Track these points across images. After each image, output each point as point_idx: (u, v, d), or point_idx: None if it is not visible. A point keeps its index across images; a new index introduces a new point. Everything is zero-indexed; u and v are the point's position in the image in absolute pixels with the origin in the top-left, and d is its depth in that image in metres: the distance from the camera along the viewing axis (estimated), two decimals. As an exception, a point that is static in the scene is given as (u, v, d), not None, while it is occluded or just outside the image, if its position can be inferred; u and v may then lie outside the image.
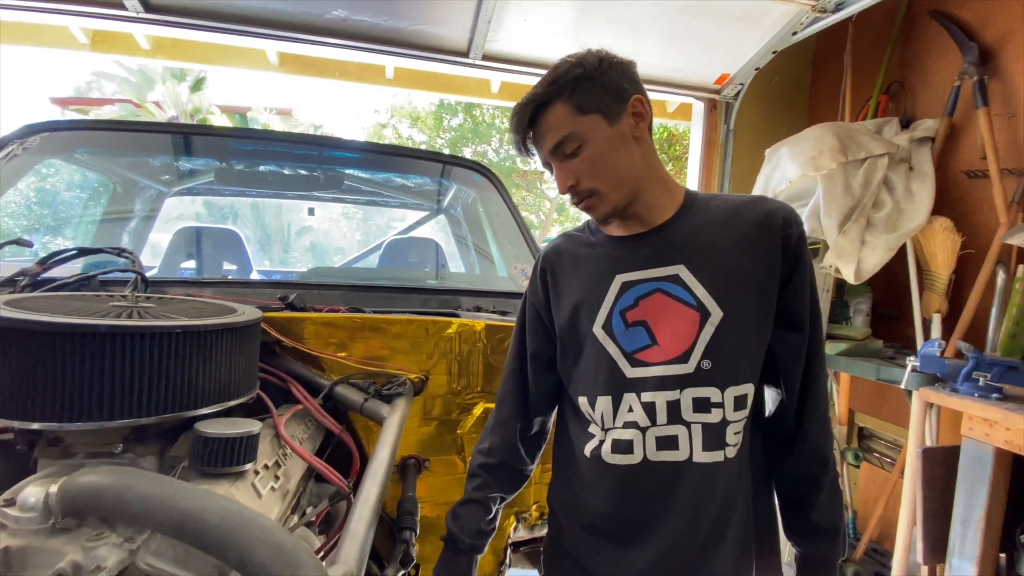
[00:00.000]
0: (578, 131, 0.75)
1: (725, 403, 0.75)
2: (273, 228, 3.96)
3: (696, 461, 0.75)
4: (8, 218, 1.61)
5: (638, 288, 0.79)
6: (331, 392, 0.95)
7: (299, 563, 0.43)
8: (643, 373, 0.77)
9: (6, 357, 0.59)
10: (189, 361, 0.64)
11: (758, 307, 0.76)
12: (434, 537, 1.07)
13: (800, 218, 0.78)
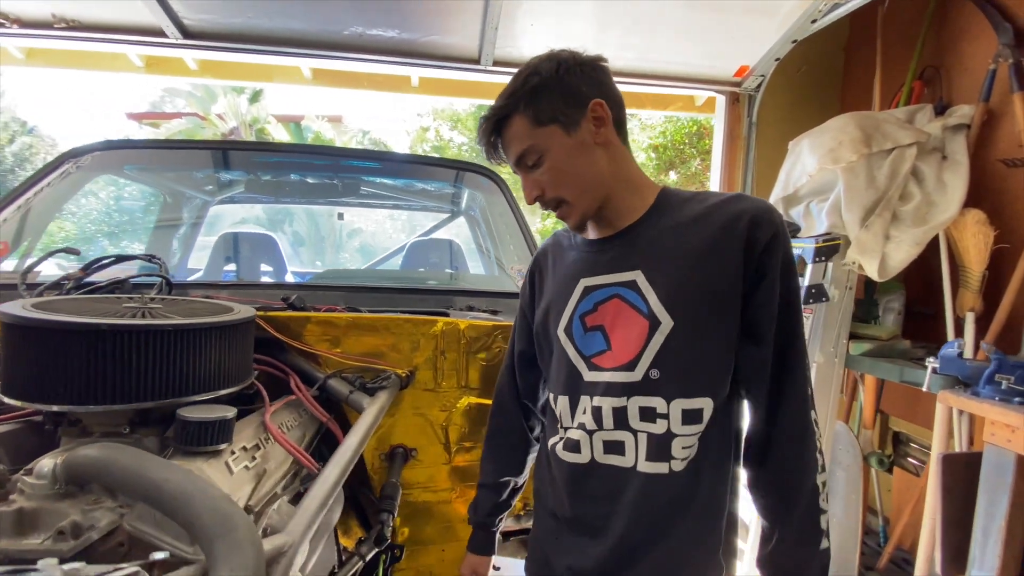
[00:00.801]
0: (537, 143, 0.75)
1: (671, 415, 0.73)
2: (308, 233, 4.22)
3: (639, 470, 0.75)
4: (70, 228, 1.82)
5: (598, 293, 0.79)
6: (324, 384, 1.04)
7: (235, 527, 0.51)
8: (597, 378, 0.78)
9: (32, 350, 0.71)
10: (181, 354, 0.74)
11: (716, 318, 0.72)
12: (423, 521, 1.15)
13: (777, 219, 0.72)
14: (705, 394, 0.73)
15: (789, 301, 0.72)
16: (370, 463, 1.10)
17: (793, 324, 0.73)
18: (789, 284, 0.72)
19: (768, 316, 0.72)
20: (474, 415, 1.14)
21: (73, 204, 1.58)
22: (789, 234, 0.74)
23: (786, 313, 0.72)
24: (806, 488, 0.72)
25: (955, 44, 2.01)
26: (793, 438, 0.73)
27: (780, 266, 0.71)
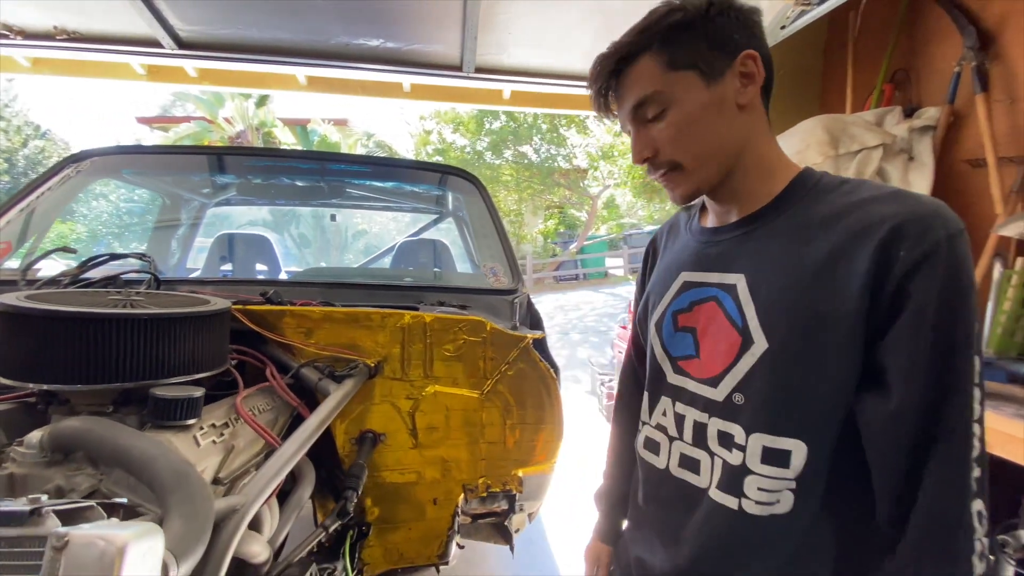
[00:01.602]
0: (665, 91, 0.62)
1: (748, 448, 0.61)
2: (302, 234, 4.35)
3: (711, 496, 0.65)
4: (76, 229, 1.91)
5: (696, 292, 0.69)
6: (297, 373, 1.12)
7: (189, 483, 0.59)
8: (681, 383, 0.70)
9: (27, 335, 0.79)
10: (157, 341, 0.83)
11: (823, 350, 0.57)
12: (391, 502, 1.23)
13: (942, 232, 0.52)
14: (795, 436, 0.59)
15: (944, 345, 0.52)
16: (341, 447, 1.18)
17: (947, 375, 0.52)
18: (946, 322, 0.52)
19: (904, 361, 0.53)
20: (439, 403, 1.22)
21: (75, 206, 1.67)
22: (968, 254, 0.53)
23: (937, 360, 0.52)
24: None
25: (925, 47, 2.07)
26: (931, 550, 0.53)
27: (934, 296, 0.52)
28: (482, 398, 1.24)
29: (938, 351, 0.52)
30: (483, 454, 1.24)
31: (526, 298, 1.59)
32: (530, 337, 1.27)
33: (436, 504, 1.22)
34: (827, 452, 0.58)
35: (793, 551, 0.61)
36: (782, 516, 0.60)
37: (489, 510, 1.33)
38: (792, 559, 0.61)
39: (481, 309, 1.44)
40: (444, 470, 1.23)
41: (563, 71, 2.33)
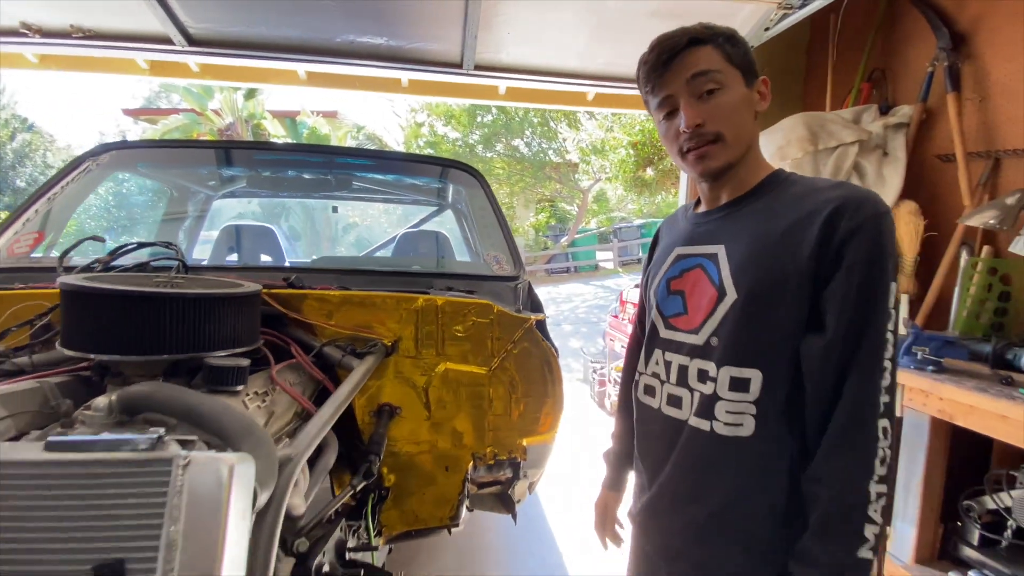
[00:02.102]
0: (722, 75, 0.75)
1: (719, 379, 0.76)
2: (305, 226, 4.42)
3: (690, 424, 0.80)
4: (91, 220, 1.99)
5: (685, 261, 0.86)
6: (320, 351, 1.22)
7: (256, 432, 0.69)
8: (671, 336, 0.85)
9: (86, 311, 0.88)
10: (203, 318, 0.92)
11: (778, 298, 0.72)
12: (406, 469, 1.33)
13: (868, 211, 0.69)
14: (754, 366, 0.74)
15: (866, 293, 0.68)
16: (361, 419, 1.28)
17: (867, 317, 0.68)
18: (868, 277, 0.68)
19: (836, 305, 0.69)
20: (450, 379, 1.32)
21: (94, 198, 1.75)
22: (892, 229, 0.70)
23: (860, 304, 0.68)
24: (848, 498, 0.67)
25: (900, 48, 2.19)
26: (842, 446, 0.68)
27: (858, 260, 0.68)
28: (489, 374, 1.34)
29: (862, 297, 0.68)
30: (491, 425, 1.35)
31: (527, 284, 1.70)
32: (533, 319, 1.37)
33: (448, 471, 1.33)
34: (779, 380, 0.74)
35: (751, 468, 0.75)
36: (744, 438, 0.75)
37: (495, 478, 1.44)
38: (750, 475, 0.76)
39: (486, 294, 1.54)
40: (455, 440, 1.33)
41: (558, 69, 2.43)
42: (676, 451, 0.82)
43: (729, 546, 0.77)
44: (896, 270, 0.70)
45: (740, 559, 0.76)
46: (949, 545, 1.60)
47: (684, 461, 0.81)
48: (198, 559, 0.46)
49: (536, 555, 2.14)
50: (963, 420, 1.42)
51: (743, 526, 0.76)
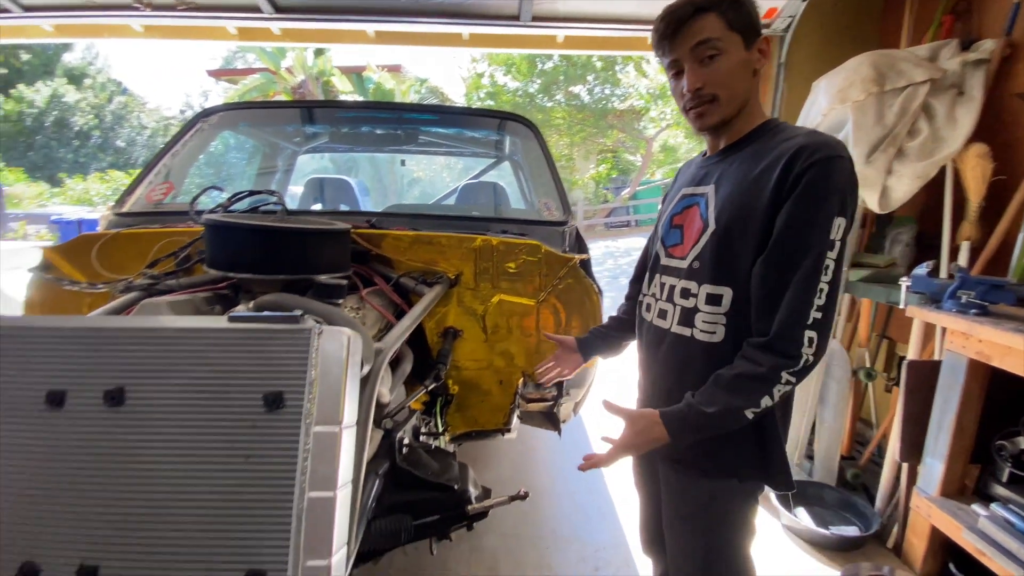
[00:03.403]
0: (721, 42, 0.85)
1: (699, 296, 0.92)
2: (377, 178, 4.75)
3: (672, 331, 0.97)
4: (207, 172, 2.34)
5: (687, 200, 1.00)
6: (397, 281, 1.46)
7: (356, 326, 0.93)
8: (668, 263, 1.01)
9: (227, 240, 1.15)
10: (312, 247, 1.17)
11: (745, 229, 0.86)
12: (467, 383, 1.58)
13: (823, 154, 0.80)
14: (726, 284, 0.89)
15: (805, 221, 0.80)
16: (431, 339, 1.53)
17: (801, 245, 0.80)
18: (808, 209, 0.80)
19: (779, 231, 0.82)
20: (504, 308, 1.53)
21: (206, 153, 2.07)
22: (843, 170, 0.80)
23: (798, 230, 0.80)
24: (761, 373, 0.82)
25: (990, -25, 2.01)
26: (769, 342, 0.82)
27: (803, 193, 0.80)
28: (537, 305, 1.54)
29: (798, 226, 0.80)
30: (538, 349, 1.56)
31: (575, 229, 1.85)
32: (577, 258, 1.54)
33: (501, 385, 1.57)
34: (745, 297, 0.88)
35: (720, 367, 0.89)
36: (717, 343, 0.91)
37: (542, 396, 1.66)
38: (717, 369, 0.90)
39: (536, 237, 1.72)
40: (507, 360, 1.56)
41: (616, 15, 2.45)
42: (661, 354, 1.00)
43: None
44: (843, 207, 0.81)
45: (709, 440, 0.92)
46: (979, 484, 1.66)
47: (668, 361, 0.99)
48: (328, 394, 0.70)
49: (577, 475, 2.40)
50: (999, 361, 1.45)
51: None
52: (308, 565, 0.65)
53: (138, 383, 0.71)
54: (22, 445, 0.69)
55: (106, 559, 0.66)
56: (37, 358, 0.72)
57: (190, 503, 0.67)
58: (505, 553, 1.79)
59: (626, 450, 0.90)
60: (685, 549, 1.05)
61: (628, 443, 0.90)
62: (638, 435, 0.89)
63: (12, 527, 0.66)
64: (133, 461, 0.69)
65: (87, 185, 15.94)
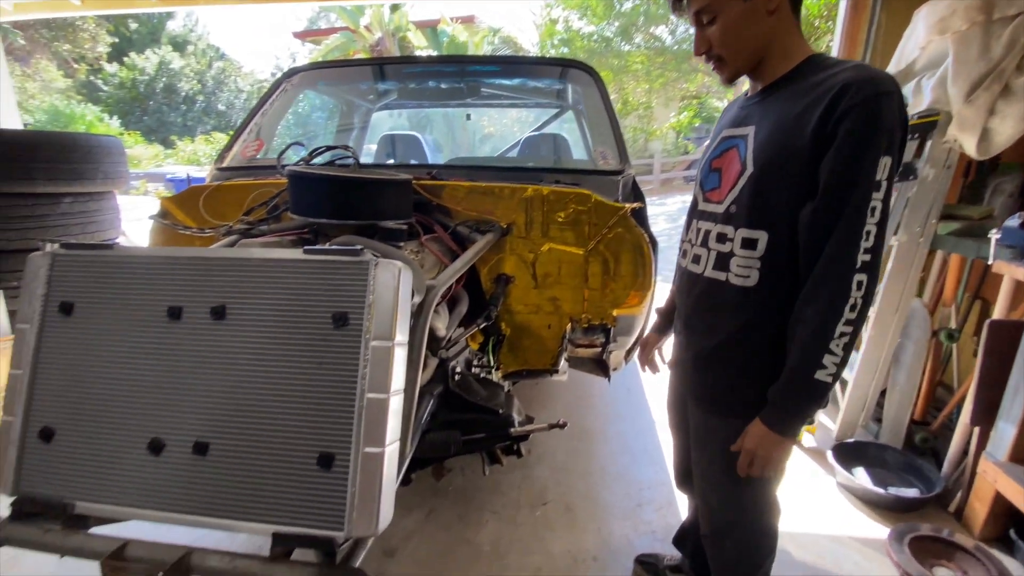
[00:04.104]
0: (715, 4, 0.86)
1: (735, 240, 0.93)
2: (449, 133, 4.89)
3: (706, 276, 0.99)
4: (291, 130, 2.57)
5: (726, 143, 0.99)
6: (454, 229, 1.57)
7: (412, 263, 1.05)
8: (705, 207, 1.02)
9: (307, 189, 1.31)
10: (377, 196, 1.30)
11: (784, 171, 0.85)
12: (518, 326, 1.69)
13: (868, 91, 0.77)
14: (761, 228, 0.89)
15: (851, 165, 0.78)
16: (485, 284, 1.65)
17: (849, 187, 0.78)
18: (855, 151, 0.77)
19: (826, 176, 0.80)
20: (553, 256, 1.60)
21: (290, 112, 2.27)
22: (891, 108, 0.77)
23: (844, 174, 0.78)
24: (817, 334, 0.81)
25: None
26: (818, 294, 0.82)
27: (849, 133, 0.77)
28: (586, 254, 1.59)
29: (847, 168, 0.78)
30: (586, 296, 1.63)
31: (631, 178, 1.85)
32: (628, 207, 1.56)
33: (549, 329, 1.66)
34: (781, 241, 0.88)
35: (753, 311, 0.93)
36: (751, 287, 0.93)
37: (591, 342, 1.74)
38: (751, 316, 0.94)
39: (590, 187, 1.74)
40: (555, 306, 1.64)
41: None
42: (693, 299, 1.03)
43: (728, 370, 0.98)
44: (891, 146, 0.78)
45: (736, 380, 0.97)
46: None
47: (701, 305, 1.02)
48: (382, 315, 0.83)
49: (627, 417, 2.48)
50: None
51: (741, 356, 0.96)
52: (366, 451, 0.80)
53: (236, 302, 0.88)
54: (152, 348, 0.89)
55: (215, 439, 0.85)
56: (161, 280, 0.91)
57: (277, 398, 0.84)
58: (554, 483, 1.94)
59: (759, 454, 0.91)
60: (711, 488, 1.11)
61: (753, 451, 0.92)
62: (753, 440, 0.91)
63: (143, 412, 0.87)
64: (234, 363, 0.86)
65: (195, 146, 17.59)
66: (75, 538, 0.85)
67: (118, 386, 0.89)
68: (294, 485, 0.81)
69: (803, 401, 0.86)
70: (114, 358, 0.90)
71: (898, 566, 1.51)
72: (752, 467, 0.93)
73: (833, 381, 0.84)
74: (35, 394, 0.92)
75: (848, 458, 1.99)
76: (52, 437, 0.90)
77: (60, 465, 0.89)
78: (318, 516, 0.80)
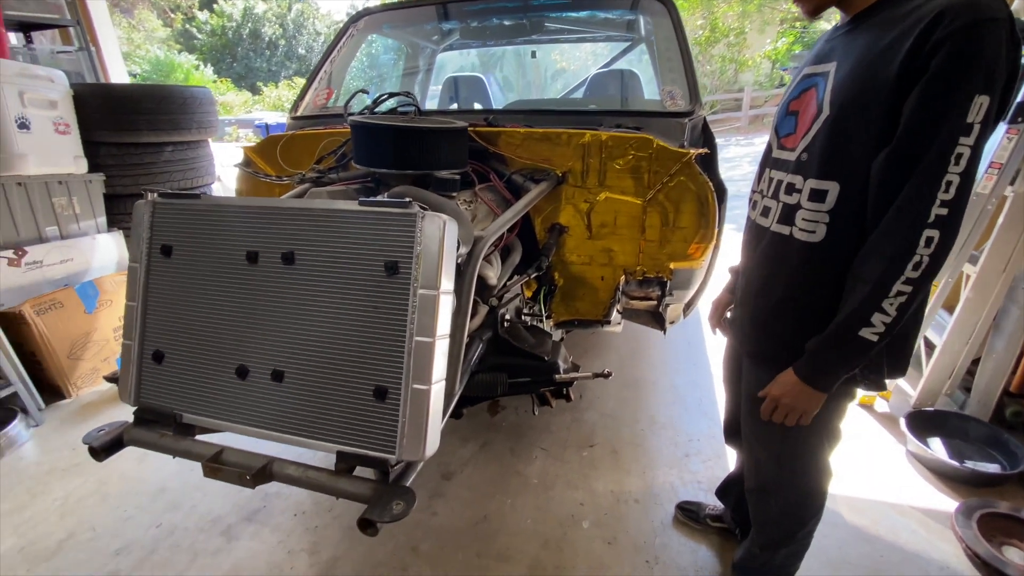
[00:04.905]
0: None
1: (803, 191, 0.86)
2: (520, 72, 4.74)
3: (772, 229, 0.94)
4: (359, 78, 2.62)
5: (806, 81, 0.90)
6: (509, 178, 1.58)
7: (461, 213, 1.09)
8: (778, 155, 0.95)
9: (365, 139, 1.36)
10: (431, 144, 1.33)
11: (865, 113, 0.75)
12: (572, 277, 1.70)
13: (970, 17, 0.66)
14: (833, 178, 0.81)
15: (938, 104, 0.68)
16: (539, 234, 1.66)
17: (934, 128, 0.69)
18: (946, 87, 0.68)
19: (909, 115, 0.71)
20: (610, 206, 1.57)
21: (358, 58, 2.31)
22: (995, 38, 0.66)
23: (929, 115, 0.69)
24: (872, 289, 0.75)
25: None
26: (881, 247, 0.75)
27: (941, 65, 0.67)
28: (645, 204, 1.54)
29: (934, 106, 0.69)
30: (642, 248, 1.60)
31: (701, 120, 1.74)
32: (692, 153, 1.47)
33: (603, 280, 1.66)
34: (853, 193, 0.80)
35: (815, 268, 0.87)
36: (816, 243, 0.86)
37: (645, 294, 1.72)
38: (813, 273, 0.88)
39: (655, 131, 1.66)
40: (609, 257, 1.63)
41: None
42: (758, 253, 0.98)
43: (783, 327, 0.94)
44: (989, 83, 0.67)
45: (790, 338, 0.92)
46: None
47: (762, 260, 0.97)
48: (428, 265, 0.88)
49: (682, 369, 2.46)
50: None
51: (797, 313, 0.92)
52: (415, 387, 0.88)
53: (303, 248, 0.97)
54: (236, 287, 1.01)
55: (289, 368, 0.96)
56: (239, 227, 1.02)
57: (339, 337, 0.93)
58: (602, 428, 2.01)
59: (784, 402, 0.91)
60: (758, 444, 1.10)
61: (778, 398, 0.91)
62: (780, 387, 0.91)
63: (231, 342, 1.00)
64: (302, 304, 0.96)
65: (279, 92, 18.35)
66: (183, 443, 1.03)
67: (210, 319, 1.03)
68: (356, 412, 0.92)
69: (840, 355, 0.82)
70: (206, 295, 1.04)
71: (961, 541, 1.44)
72: (775, 414, 0.92)
73: (879, 341, 0.78)
74: (148, 323, 1.09)
75: (924, 427, 1.87)
76: (163, 359, 1.07)
77: (170, 382, 1.06)
78: (375, 440, 0.91)
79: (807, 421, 0.90)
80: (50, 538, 1.55)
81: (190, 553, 1.48)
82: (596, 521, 1.56)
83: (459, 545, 1.48)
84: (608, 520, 1.56)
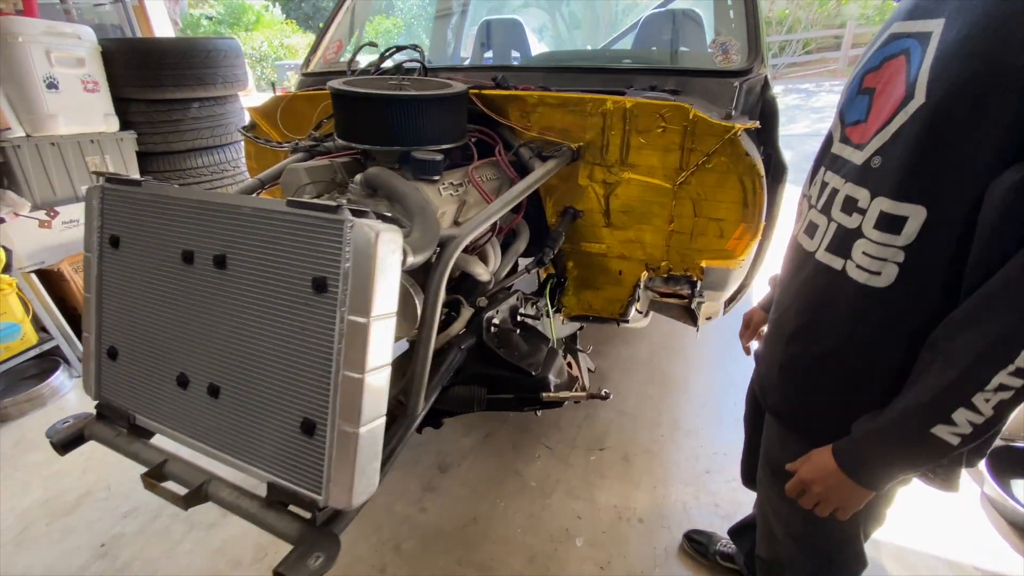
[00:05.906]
0: None
1: (868, 213, 0.61)
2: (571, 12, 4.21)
3: (817, 257, 0.69)
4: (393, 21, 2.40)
5: (894, 45, 0.62)
6: (516, 151, 1.36)
7: (428, 212, 0.91)
8: (839, 151, 0.69)
9: (343, 109, 1.19)
10: (412, 115, 1.13)
11: (977, 108, 0.51)
12: (586, 267, 1.48)
13: None
14: (917, 201, 0.57)
15: None
16: (550, 218, 1.44)
17: None
18: None
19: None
20: (633, 189, 1.31)
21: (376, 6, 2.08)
22: None
23: None
24: (960, 375, 0.53)
25: None
26: (980, 316, 0.52)
27: None
28: (675, 189, 1.28)
29: None
30: (669, 241, 1.35)
31: (761, 81, 1.40)
32: (739, 127, 1.18)
33: (621, 275, 1.43)
34: (946, 225, 0.55)
35: (876, 323, 0.62)
36: (879, 289, 0.61)
37: (674, 291, 1.48)
38: (872, 330, 0.63)
39: (698, 94, 1.36)
40: (629, 249, 1.39)
41: None
42: (796, 283, 0.74)
43: (825, 387, 0.71)
44: None
45: (834, 403, 0.70)
46: None
47: (802, 296, 0.72)
48: (359, 288, 0.72)
49: (719, 366, 2.20)
50: None
51: (847, 380, 0.68)
52: (342, 429, 0.75)
53: (234, 252, 0.84)
54: (173, 288, 0.91)
55: (224, 384, 0.86)
56: (178, 222, 0.90)
57: (268, 358, 0.81)
58: (617, 428, 1.84)
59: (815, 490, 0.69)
60: (776, 519, 0.90)
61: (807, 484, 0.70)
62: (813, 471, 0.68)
63: (174, 347, 0.91)
64: (234, 314, 0.84)
65: (342, 33, 18.14)
66: (134, 446, 0.98)
67: (154, 319, 0.94)
68: (286, 444, 0.81)
69: (899, 453, 0.60)
70: (149, 293, 0.95)
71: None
72: (803, 499, 0.71)
73: (960, 445, 0.55)
74: (103, 317, 1.02)
75: (1010, 467, 1.55)
76: (116, 356, 1.01)
77: (124, 380, 1.00)
78: (304, 477, 0.80)
79: (844, 517, 0.69)
80: (71, 493, 1.64)
81: (187, 524, 1.52)
82: (591, 540, 1.42)
83: (443, 548, 1.40)
84: (605, 540, 1.42)
